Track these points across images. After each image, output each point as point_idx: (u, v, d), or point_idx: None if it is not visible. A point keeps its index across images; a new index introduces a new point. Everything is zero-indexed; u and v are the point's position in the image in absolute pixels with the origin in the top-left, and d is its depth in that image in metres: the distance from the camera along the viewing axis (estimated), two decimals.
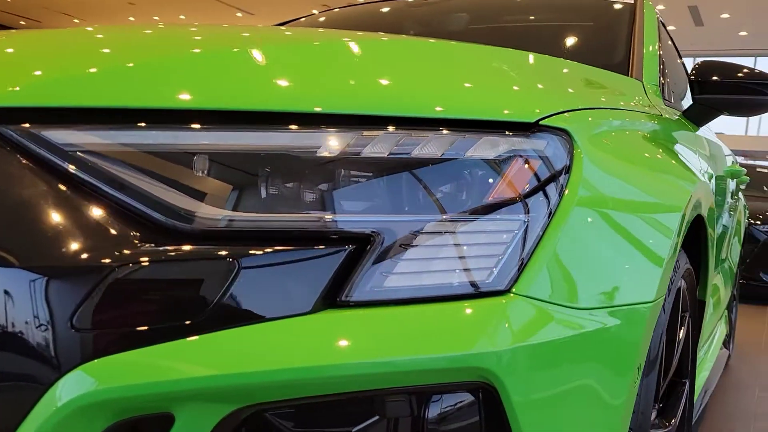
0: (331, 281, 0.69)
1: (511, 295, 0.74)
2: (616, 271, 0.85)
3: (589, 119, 0.98)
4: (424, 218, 0.75)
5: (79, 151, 0.70)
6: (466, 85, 0.90)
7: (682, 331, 1.31)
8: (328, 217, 0.72)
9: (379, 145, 0.76)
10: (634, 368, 0.85)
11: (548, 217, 0.81)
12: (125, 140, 0.71)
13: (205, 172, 0.72)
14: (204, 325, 0.64)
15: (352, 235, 0.72)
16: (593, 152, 0.92)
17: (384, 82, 0.84)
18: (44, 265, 0.63)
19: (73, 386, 0.61)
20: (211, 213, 0.70)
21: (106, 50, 0.83)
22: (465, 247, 0.75)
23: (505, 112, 0.85)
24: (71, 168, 0.69)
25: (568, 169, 0.87)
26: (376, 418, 0.68)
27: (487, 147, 0.81)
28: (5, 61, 0.79)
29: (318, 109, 0.75)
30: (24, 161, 0.69)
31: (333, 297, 0.69)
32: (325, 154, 0.74)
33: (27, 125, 0.70)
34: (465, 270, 0.74)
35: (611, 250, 0.86)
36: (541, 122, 0.87)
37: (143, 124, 0.72)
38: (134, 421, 0.63)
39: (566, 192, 0.84)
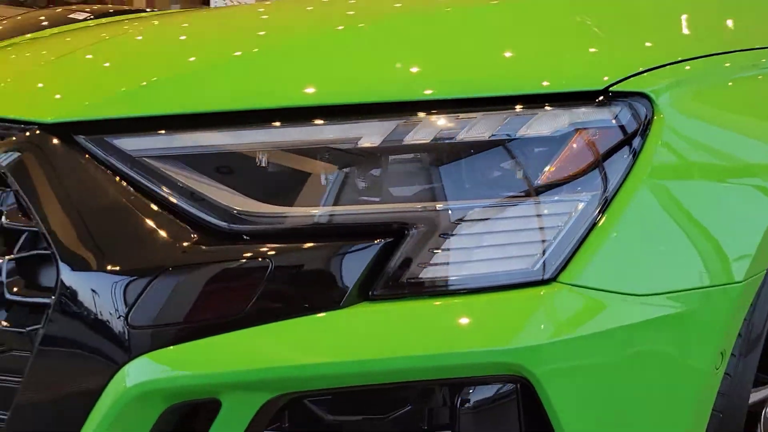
0: (368, 272, 0.71)
1: (556, 284, 0.72)
2: (690, 252, 0.78)
3: (688, 71, 0.88)
4: (464, 205, 0.74)
5: (145, 156, 0.78)
6: (515, 53, 0.85)
7: None
8: (366, 209, 0.74)
9: (422, 132, 0.76)
10: (714, 356, 0.79)
11: (609, 198, 0.76)
12: (183, 144, 0.77)
13: (259, 171, 0.76)
14: (248, 320, 0.70)
15: (389, 223, 0.73)
16: (684, 114, 0.84)
17: (419, 65, 0.82)
18: (106, 266, 0.72)
19: (137, 372, 0.70)
20: (259, 211, 0.74)
21: (160, 61, 0.89)
22: (507, 235, 0.74)
23: (563, 82, 0.80)
24: (136, 172, 0.77)
25: (641, 140, 0.80)
26: (409, 407, 0.71)
27: (543, 123, 0.77)
28: (76, 78, 0.87)
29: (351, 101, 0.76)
30: (96, 167, 0.77)
31: (368, 289, 0.71)
32: (366, 145, 0.75)
33: (98, 135, 0.79)
34: (505, 259, 0.73)
35: (688, 228, 0.79)
36: (611, 89, 0.81)
37: (200, 130, 0.78)
38: (188, 405, 0.71)
39: (635, 167, 0.78)
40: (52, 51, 1.15)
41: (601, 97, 0.80)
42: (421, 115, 0.76)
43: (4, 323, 0.75)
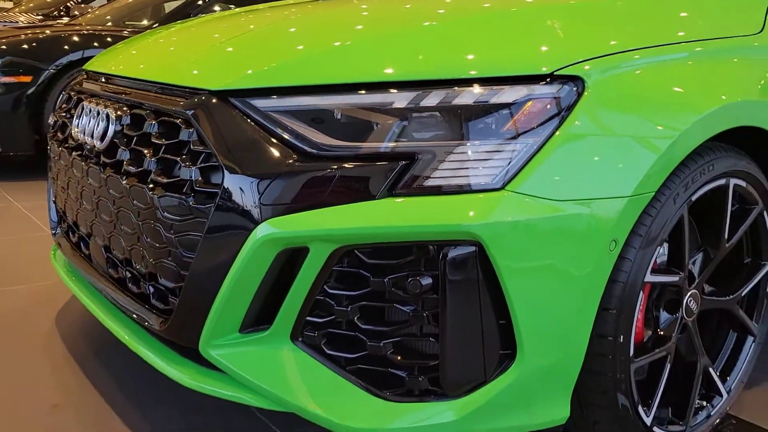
0: (393, 180, 1.24)
1: (504, 191, 1.23)
2: (595, 175, 1.26)
3: (610, 63, 1.34)
4: (453, 144, 1.25)
5: (270, 111, 1.33)
6: (494, 49, 1.34)
7: (751, 216, 1.61)
8: (395, 145, 1.26)
9: (431, 98, 1.27)
10: (608, 242, 1.27)
11: (544, 141, 1.25)
12: (295, 103, 1.32)
13: (335, 120, 1.30)
14: (326, 202, 1.24)
15: (408, 153, 1.25)
16: (604, 90, 1.31)
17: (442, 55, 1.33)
18: (249, 171, 1.28)
19: (263, 230, 1.26)
20: (333, 144, 1.28)
21: (278, 48, 1.45)
22: (478, 162, 1.24)
23: (523, 68, 1.29)
24: (265, 120, 1.32)
25: (573, 105, 1.28)
26: (412, 257, 1.24)
27: (508, 94, 1.27)
28: (228, 60, 1.45)
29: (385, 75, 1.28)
30: (242, 117, 1.33)
31: (393, 189, 1.24)
32: (396, 106, 1.28)
33: (244, 97, 1.35)
34: (475, 176, 1.24)
35: (595, 160, 1.27)
36: (555, 72, 1.29)
37: (302, 95, 1.33)
38: (291, 250, 1.27)
39: (566, 121, 1.27)
40: (206, 37, 1.74)
41: (548, 78, 1.29)
42: (430, 87, 1.27)
43: (194, 203, 1.33)
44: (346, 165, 1.25)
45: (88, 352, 2.02)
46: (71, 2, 8.12)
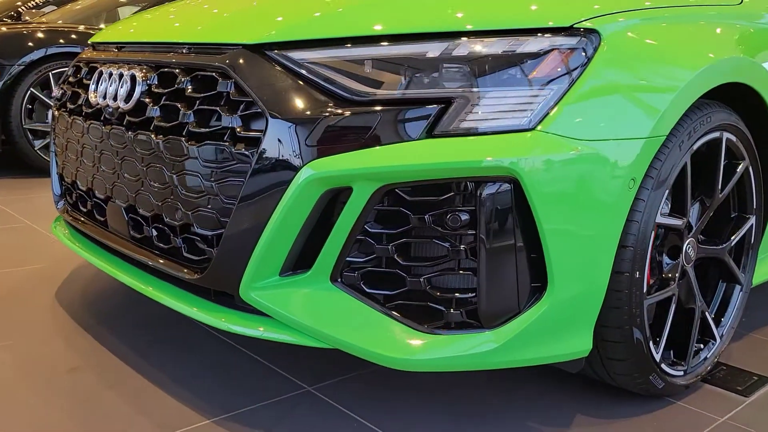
0: (432, 123, 1.32)
1: (535, 131, 1.32)
2: (616, 117, 1.37)
3: (620, 20, 1.46)
4: (485, 89, 1.34)
5: (306, 62, 1.40)
6: (521, 3, 1.44)
7: (738, 170, 1.74)
8: (431, 91, 1.34)
9: (462, 48, 1.36)
10: (627, 179, 1.38)
11: (568, 87, 1.35)
12: (331, 54, 1.39)
13: (370, 69, 1.37)
14: (368, 144, 1.31)
15: (443, 98, 1.33)
16: (618, 42, 1.42)
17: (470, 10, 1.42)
18: (292, 117, 1.34)
19: (307, 171, 1.32)
20: (370, 91, 1.35)
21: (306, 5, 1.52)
22: (510, 105, 1.33)
23: (547, 21, 1.39)
24: (302, 71, 1.39)
25: (592, 54, 1.39)
26: (452, 194, 1.32)
27: (533, 44, 1.37)
28: (260, 16, 1.51)
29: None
30: (278, 68, 1.39)
31: (431, 131, 1.32)
32: (430, 56, 1.36)
33: (279, 50, 1.41)
34: (507, 118, 1.33)
35: (615, 103, 1.38)
36: (575, 25, 1.40)
37: (341, 45, 1.39)
38: (335, 189, 1.33)
39: (587, 69, 1.37)
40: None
41: (568, 31, 1.39)
42: (462, 38, 1.36)
43: (236, 150, 1.38)
44: (385, 109, 1.32)
45: (96, 321, 2.02)
46: (23, 8, 7.98)
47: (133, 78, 1.65)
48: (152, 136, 1.55)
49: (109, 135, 1.71)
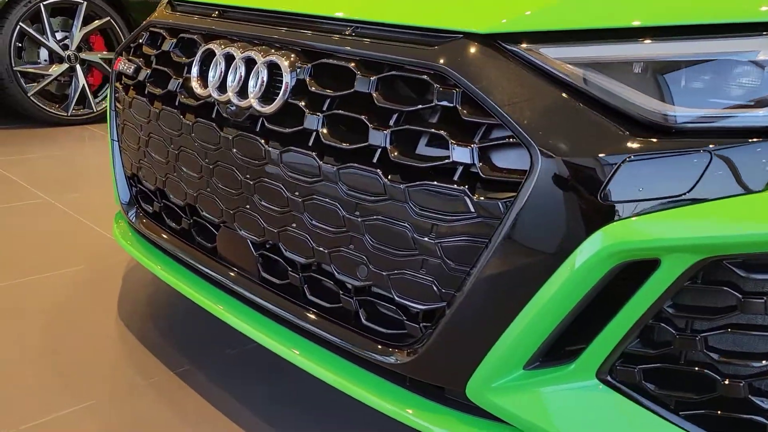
0: None
1: None
2: None
3: None
4: None
5: (568, 63, 0.95)
6: None
7: None
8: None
9: None
10: None
11: None
12: (608, 54, 0.94)
13: (672, 78, 0.93)
14: (687, 199, 0.88)
15: None
16: None
17: None
18: (578, 156, 0.90)
19: (600, 239, 0.89)
20: (682, 113, 0.91)
21: None
22: None
23: None
24: (562, 74, 0.94)
25: None
26: None
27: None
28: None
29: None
30: (542, 76, 0.94)
31: None
32: (762, 57, 0.92)
33: (526, 45, 0.96)
34: None
35: None
36: None
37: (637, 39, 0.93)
38: (633, 263, 0.91)
39: None
40: None
41: None
42: None
43: (476, 198, 0.95)
44: (709, 142, 0.89)
45: (182, 330, 1.60)
46: None
47: (271, 66, 1.17)
48: (315, 157, 1.09)
49: (232, 143, 1.24)
